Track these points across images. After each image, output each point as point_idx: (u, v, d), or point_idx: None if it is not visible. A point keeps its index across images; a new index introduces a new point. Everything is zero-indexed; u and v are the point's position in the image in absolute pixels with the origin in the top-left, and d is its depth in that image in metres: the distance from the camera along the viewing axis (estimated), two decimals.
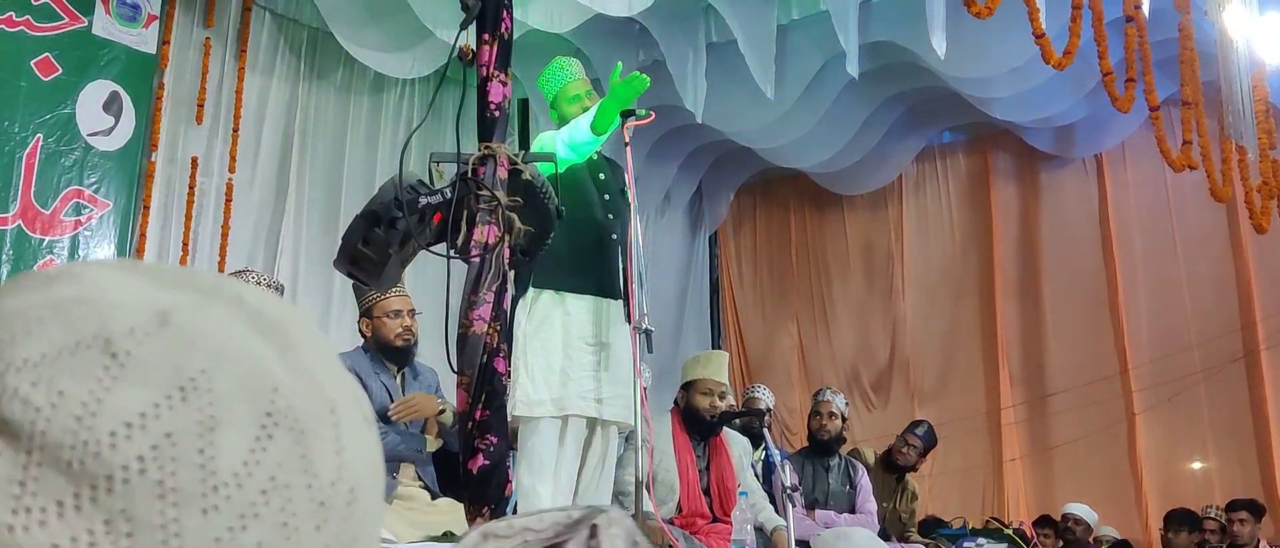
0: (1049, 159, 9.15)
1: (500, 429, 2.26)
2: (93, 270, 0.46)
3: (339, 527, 0.47)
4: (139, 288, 0.46)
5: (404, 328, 4.05)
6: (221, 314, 0.46)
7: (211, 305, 0.47)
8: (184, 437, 0.42)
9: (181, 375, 0.43)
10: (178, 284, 0.47)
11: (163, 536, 0.41)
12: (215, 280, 0.49)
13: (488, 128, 2.36)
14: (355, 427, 0.50)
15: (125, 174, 5.94)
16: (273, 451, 0.45)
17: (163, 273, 0.48)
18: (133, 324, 0.44)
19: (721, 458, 4.78)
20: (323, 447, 0.47)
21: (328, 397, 0.48)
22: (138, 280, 0.46)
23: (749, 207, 10.43)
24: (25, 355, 0.42)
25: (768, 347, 10.10)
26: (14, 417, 0.41)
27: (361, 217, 2.32)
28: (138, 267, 0.48)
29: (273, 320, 0.48)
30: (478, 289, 2.24)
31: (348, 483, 0.48)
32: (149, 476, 0.41)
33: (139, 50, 6.03)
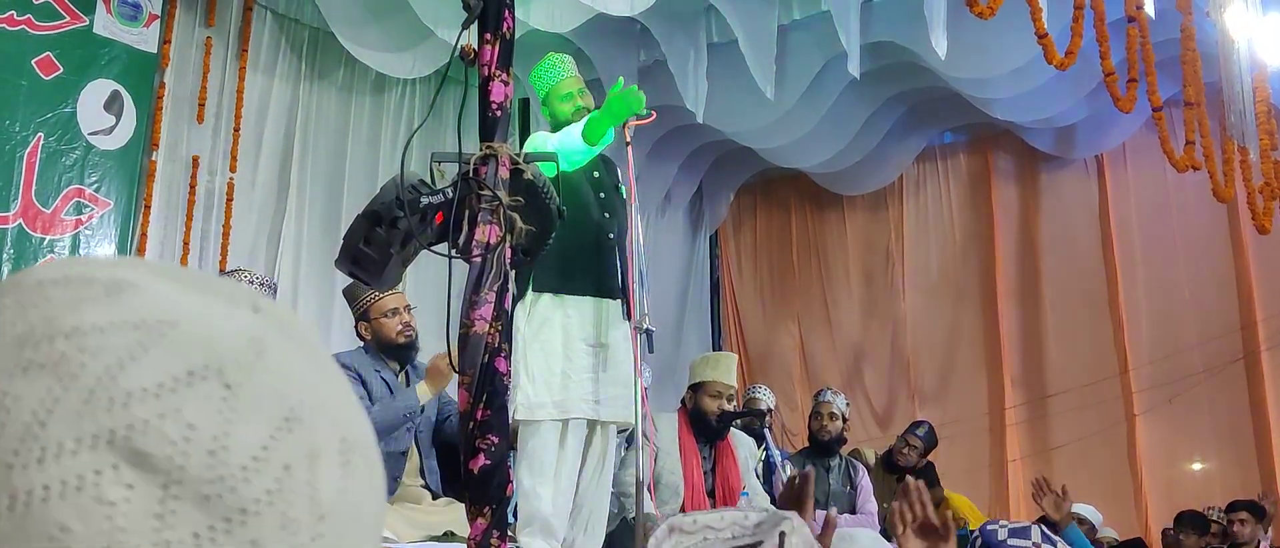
0: (1050, 160, 9.15)
1: (501, 429, 2.25)
2: (145, 280, 0.46)
3: (380, 539, 0.49)
4: (209, 307, 0.46)
5: (404, 325, 4.05)
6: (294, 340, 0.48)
7: (284, 329, 0.48)
8: (297, 469, 0.44)
9: (285, 406, 0.44)
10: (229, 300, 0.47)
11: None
12: (250, 295, 0.49)
13: (489, 128, 2.35)
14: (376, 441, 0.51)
15: (126, 173, 5.94)
16: (353, 478, 0.46)
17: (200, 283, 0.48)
18: (235, 354, 0.44)
19: (727, 460, 4.77)
20: (379, 470, 0.49)
21: (365, 415, 0.50)
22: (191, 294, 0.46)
23: (750, 207, 10.43)
24: (141, 384, 0.42)
25: (768, 347, 10.10)
26: (150, 450, 0.41)
27: (363, 216, 2.32)
28: (172, 274, 0.48)
29: (317, 342, 0.50)
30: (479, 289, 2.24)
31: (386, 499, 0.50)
32: (275, 508, 0.43)
33: (140, 49, 6.03)
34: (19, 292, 0.45)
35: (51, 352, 0.42)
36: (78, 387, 0.42)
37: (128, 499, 0.40)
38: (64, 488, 0.40)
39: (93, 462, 0.41)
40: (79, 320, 0.43)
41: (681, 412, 4.83)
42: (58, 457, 0.41)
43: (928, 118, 8.85)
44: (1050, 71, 6.08)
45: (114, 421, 0.41)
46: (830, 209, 10.06)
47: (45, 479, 0.40)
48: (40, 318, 0.43)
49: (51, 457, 0.40)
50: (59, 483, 0.40)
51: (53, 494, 0.40)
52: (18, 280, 0.46)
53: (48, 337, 0.43)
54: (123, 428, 0.41)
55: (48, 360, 0.42)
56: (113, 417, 0.41)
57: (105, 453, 0.41)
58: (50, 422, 0.41)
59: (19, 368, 0.42)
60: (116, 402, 0.42)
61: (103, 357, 0.42)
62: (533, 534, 3.60)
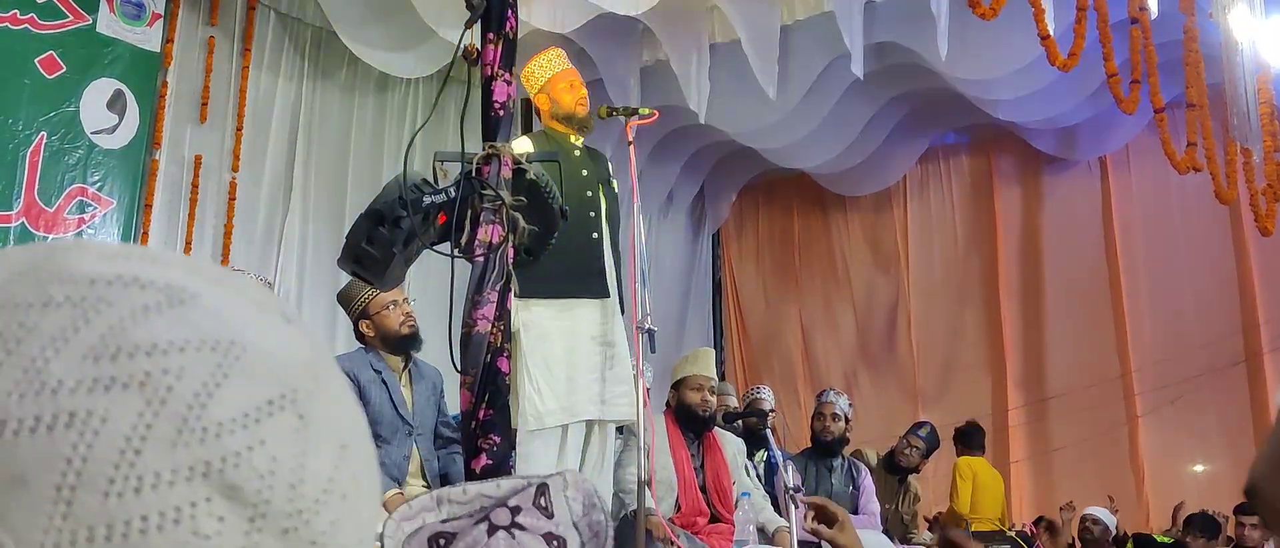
0: (1052, 161, 9.14)
1: (503, 429, 2.25)
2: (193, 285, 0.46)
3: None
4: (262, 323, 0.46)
5: (405, 315, 4.05)
6: (330, 362, 0.48)
7: (321, 351, 0.48)
8: (352, 498, 0.45)
9: (341, 435, 0.46)
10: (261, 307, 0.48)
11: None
12: (272, 299, 0.50)
13: (492, 127, 2.35)
14: None
15: (129, 172, 5.94)
16: (376, 495, 0.48)
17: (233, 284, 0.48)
18: (303, 383, 0.45)
19: (715, 456, 4.79)
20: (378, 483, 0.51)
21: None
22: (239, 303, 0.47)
23: (752, 207, 10.42)
24: (231, 415, 0.42)
25: (770, 347, 10.10)
26: (241, 483, 0.42)
27: (366, 216, 2.32)
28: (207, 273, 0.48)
29: (330, 352, 0.51)
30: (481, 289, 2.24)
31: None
32: (338, 539, 0.44)
33: (143, 48, 6.03)
34: (70, 286, 0.44)
35: (134, 369, 0.42)
36: (168, 413, 0.42)
37: (220, 532, 0.41)
38: (162, 520, 0.40)
39: (189, 494, 0.41)
40: (154, 336, 0.43)
41: (667, 412, 4.85)
42: (155, 487, 0.40)
43: (930, 119, 8.85)
44: (1053, 73, 6.08)
45: (209, 452, 0.41)
46: (833, 210, 10.05)
47: (143, 510, 0.40)
48: (109, 327, 0.43)
49: (149, 487, 0.40)
50: (157, 515, 0.40)
51: (151, 526, 0.40)
52: (60, 268, 0.45)
53: (126, 352, 0.42)
54: (217, 460, 0.41)
55: (132, 379, 0.42)
56: (206, 448, 0.41)
57: (201, 485, 0.41)
58: (145, 449, 0.41)
59: (100, 384, 0.41)
60: (210, 432, 0.42)
61: (189, 381, 0.42)
62: None
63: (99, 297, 0.43)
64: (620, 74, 7.30)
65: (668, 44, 7.01)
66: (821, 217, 10.14)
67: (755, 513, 4.58)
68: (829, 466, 5.64)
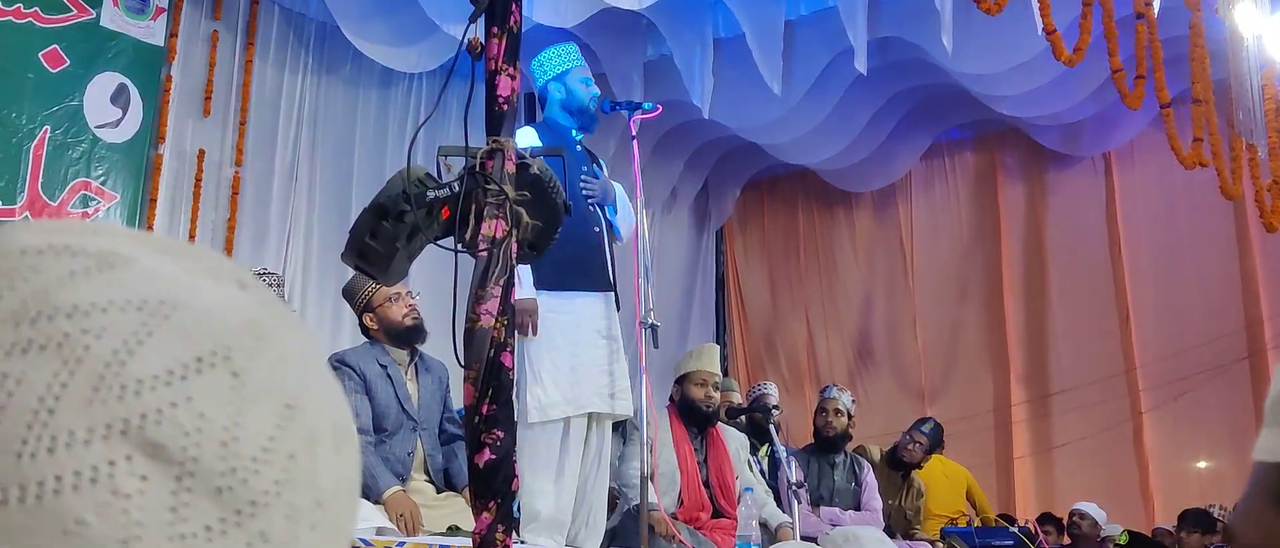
0: (1057, 157, 9.13)
1: (507, 424, 2.25)
2: (132, 251, 0.44)
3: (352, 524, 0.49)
4: (203, 287, 0.45)
5: (409, 307, 4.05)
6: (291, 322, 0.47)
7: (275, 310, 0.47)
8: (301, 457, 0.43)
9: (287, 393, 0.44)
10: (214, 275, 0.46)
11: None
12: (232, 268, 0.48)
13: (496, 122, 2.35)
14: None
15: (132, 166, 5.95)
16: (342, 463, 0.46)
17: (182, 253, 0.47)
18: (240, 340, 0.43)
19: (719, 452, 4.79)
20: (357, 451, 0.49)
21: (344, 397, 0.50)
22: (180, 269, 0.45)
23: (756, 203, 10.42)
24: (152, 371, 0.41)
25: (774, 343, 10.10)
26: (164, 441, 0.40)
27: (369, 210, 2.31)
28: (155, 243, 0.46)
29: (298, 321, 0.49)
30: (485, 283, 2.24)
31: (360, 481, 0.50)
32: (282, 498, 0.42)
33: (147, 42, 6.03)
34: (1, 258, 0.43)
35: (52, 331, 0.41)
36: (85, 371, 0.40)
37: (143, 491, 0.40)
38: (78, 479, 0.39)
39: (106, 452, 0.39)
40: (77, 298, 0.42)
41: (670, 407, 4.85)
42: (70, 446, 0.39)
43: (935, 115, 8.84)
44: (1058, 68, 6.07)
45: (127, 409, 0.40)
46: (837, 206, 10.05)
47: (57, 470, 0.39)
48: (32, 292, 0.42)
49: (63, 446, 0.39)
50: (72, 474, 0.39)
51: (66, 486, 0.39)
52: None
53: (46, 314, 0.41)
54: (136, 418, 0.40)
55: (49, 341, 0.41)
56: (124, 405, 0.40)
57: (119, 444, 0.40)
58: (59, 409, 0.40)
59: (17, 347, 0.40)
60: (128, 389, 0.40)
61: (108, 340, 0.41)
62: (537, 531, 3.60)
63: (29, 265, 0.43)
64: (624, 69, 7.30)
65: (671, 39, 7.01)
66: (826, 213, 10.13)
67: (758, 509, 4.58)
68: (831, 462, 5.63)
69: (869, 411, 9.09)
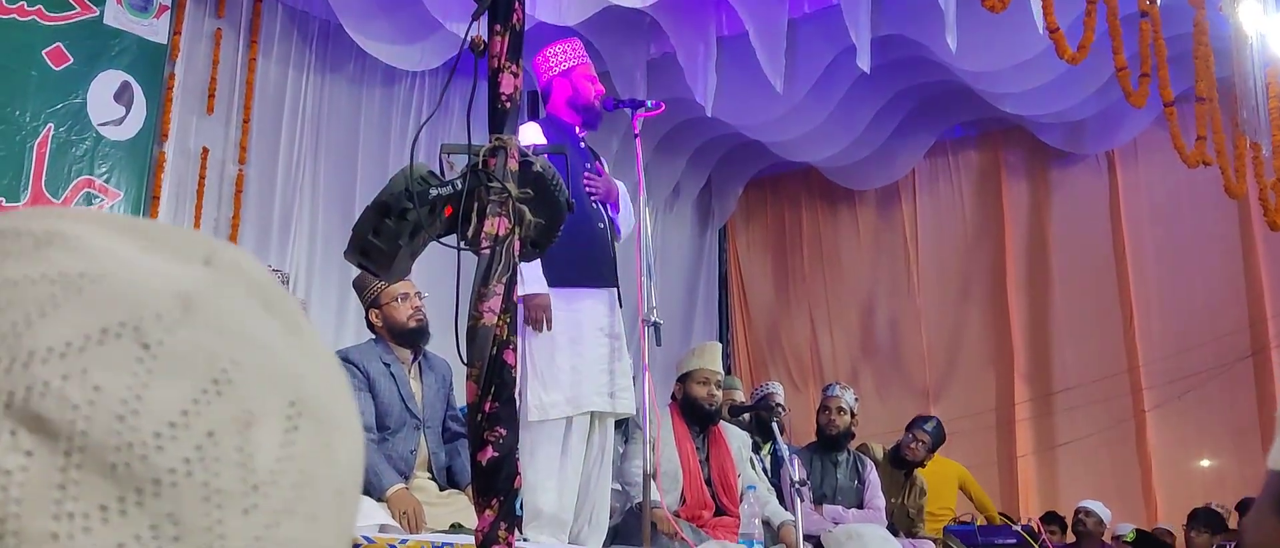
0: (1061, 155, 9.12)
1: (509, 422, 2.25)
2: (82, 231, 0.43)
3: (351, 512, 0.46)
4: (146, 262, 0.42)
5: (414, 309, 4.05)
6: (239, 294, 0.44)
7: (226, 283, 0.44)
8: (224, 435, 0.41)
9: (214, 367, 0.41)
10: (174, 251, 0.44)
11: (207, 538, 0.40)
12: (205, 244, 0.46)
13: (499, 119, 2.35)
14: (353, 405, 0.48)
15: (136, 164, 5.95)
16: (300, 443, 0.43)
17: (153, 233, 0.45)
18: (158, 309, 0.41)
19: (721, 449, 4.79)
20: (339, 433, 0.45)
21: (336, 376, 0.47)
22: (133, 247, 0.43)
23: (759, 201, 10.41)
24: (49, 343, 0.39)
25: (777, 341, 10.09)
26: (49, 414, 0.38)
27: (372, 208, 2.31)
28: (121, 225, 0.45)
29: (275, 295, 0.46)
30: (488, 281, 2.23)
31: (357, 466, 0.47)
32: (195, 478, 0.40)
33: (150, 40, 6.04)
34: None
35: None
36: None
37: (25, 468, 0.37)
38: None
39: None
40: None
41: (672, 405, 4.85)
42: None
43: (938, 113, 8.83)
44: (1061, 66, 6.06)
45: (13, 382, 0.38)
46: (840, 204, 10.04)
47: None
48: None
49: None
50: None
51: None
52: None
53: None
54: (21, 390, 0.38)
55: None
56: (12, 378, 0.38)
57: (1, 418, 0.38)
58: None
59: None
60: (17, 362, 0.39)
61: (11, 313, 0.39)
62: (540, 529, 3.61)
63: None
64: (627, 67, 7.30)
65: (674, 37, 7.00)
66: (829, 210, 10.12)
67: (760, 507, 4.57)
68: (835, 460, 5.63)
69: (872, 409, 9.09)
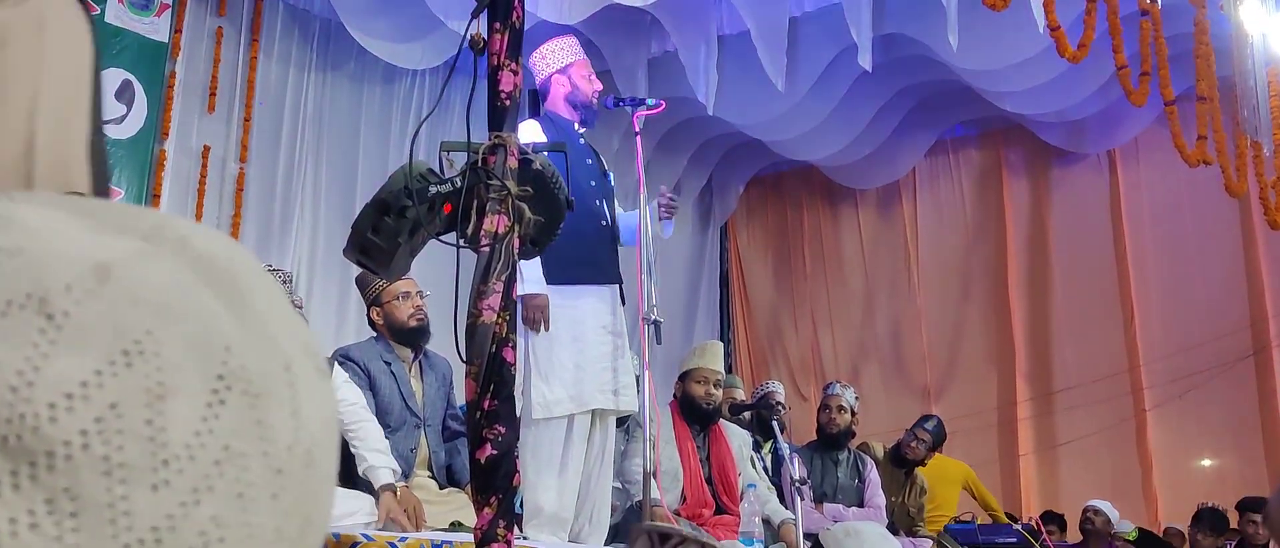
0: (1062, 154, 9.12)
1: (508, 419, 2.25)
2: (25, 211, 0.42)
3: (297, 493, 0.44)
4: (76, 235, 0.41)
5: (416, 308, 4.05)
6: (167, 265, 0.42)
7: (155, 254, 0.42)
8: (130, 407, 0.39)
9: (125, 338, 0.39)
10: (118, 228, 0.43)
11: (110, 514, 0.38)
12: (158, 221, 0.44)
13: (498, 117, 2.35)
14: (311, 384, 0.46)
15: (137, 162, 5.95)
16: (226, 418, 0.41)
17: (104, 213, 0.44)
18: (69, 280, 0.39)
19: (721, 448, 4.79)
20: (278, 410, 0.43)
21: (282, 353, 0.45)
22: (75, 225, 0.42)
23: (760, 199, 10.41)
24: None
25: (777, 340, 10.09)
26: None
27: (371, 205, 2.31)
28: (77, 205, 0.44)
29: (222, 268, 0.44)
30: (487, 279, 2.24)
31: (305, 446, 0.44)
32: (93, 451, 0.38)
33: (151, 39, 6.04)
34: None
35: None
36: None
37: None
38: None
39: None
40: None
41: (673, 404, 4.85)
42: None
43: (939, 111, 8.83)
44: (1062, 65, 6.06)
45: None
46: (841, 202, 10.04)
47: None
48: None
49: None
50: None
51: None
52: None
53: None
54: None
55: None
56: None
57: None
58: None
59: None
60: None
61: None
62: (540, 527, 3.61)
63: None
64: (628, 65, 7.30)
65: (676, 35, 7.00)
66: (829, 209, 10.12)
67: (761, 505, 4.57)
68: (835, 458, 5.63)
69: (872, 408, 9.09)
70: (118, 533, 0.38)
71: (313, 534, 0.46)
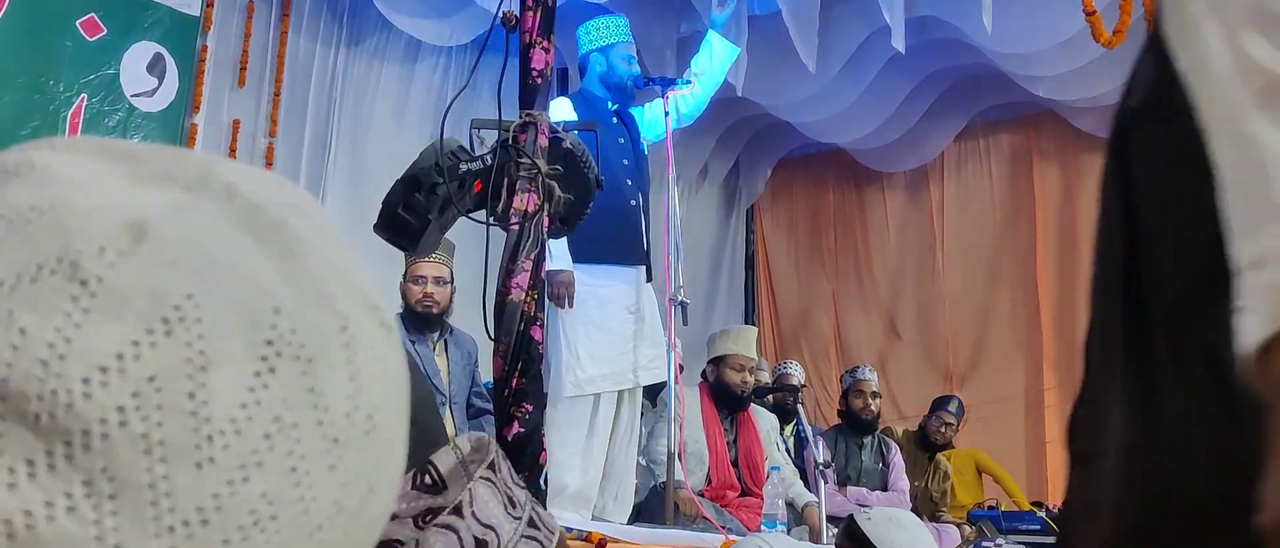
0: (1093, 140, 9.01)
1: (536, 398, 2.26)
2: (60, 161, 0.39)
3: (357, 462, 0.41)
4: (111, 187, 0.38)
5: (424, 294, 4.05)
6: (209, 218, 0.39)
7: (196, 207, 0.39)
8: (170, 380, 0.36)
9: (164, 304, 0.37)
10: (160, 176, 0.40)
11: (152, 495, 0.36)
12: (204, 167, 0.41)
13: (529, 95, 2.34)
14: (371, 343, 0.43)
15: (168, 135, 5.99)
16: (275, 387, 0.38)
17: (143, 159, 0.41)
18: (103, 241, 0.36)
19: (749, 432, 4.79)
20: (333, 374, 0.40)
21: (338, 312, 0.42)
22: (113, 173, 0.39)
23: (786, 182, 10.36)
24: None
25: (802, 323, 10.06)
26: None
27: (402, 182, 2.32)
28: (114, 150, 0.41)
29: (272, 218, 0.41)
30: (516, 257, 2.24)
31: (365, 411, 0.42)
32: (131, 428, 0.35)
33: (183, 12, 6.06)
34: None
35: None
36: None
37: None
38: None
39: None
40: None
41: (702, 385, 4.85)
42: None
43: (970, 95, 8.75)
44: (1096, 50, 5.99)
45: None
46: (869, 186, 9.98)
47: None
48: None
49: None
50: None
51: None
52: None
53: None
54: None
55: None
56: None
57: None
58: None
59: None
60: None
61: None
62: (564, 505, 3.62)
63: None
64: (657, 44, 7.27)
65: (705, 15, 6.95)
66: (857, 193, 10.06)
67: (784, 488, 4.57)
68: (859, 442, 5.63)
69: (897, 392, 9.07)
70: (160, 515, 0.36)
71: (376, 504, 0.43)
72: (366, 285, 0.45)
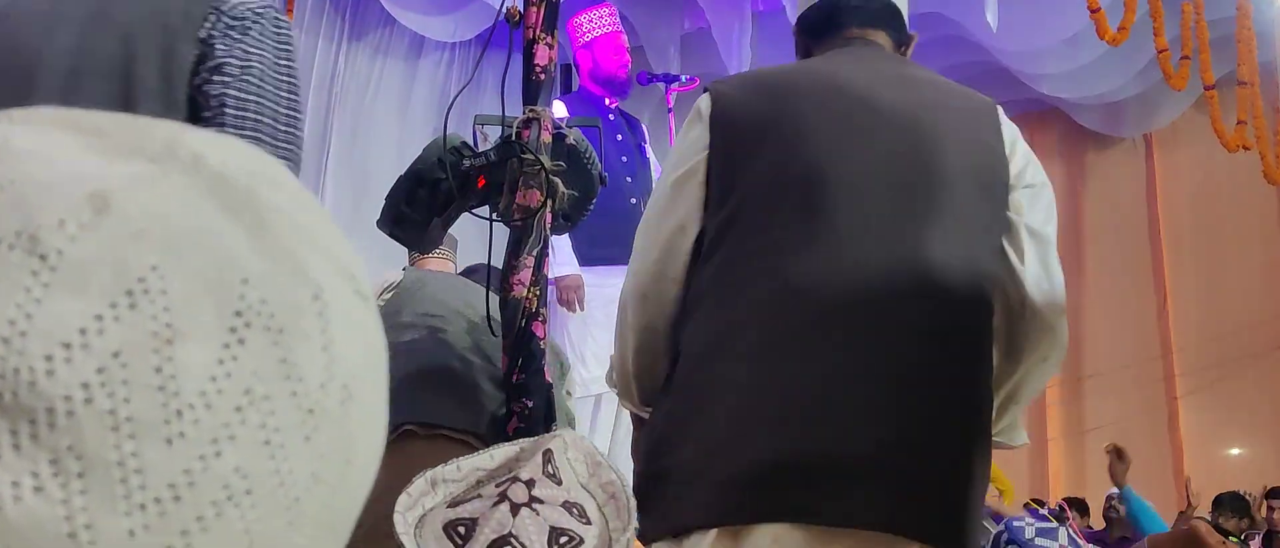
0: (1098, 138, 9.01)
1: (538, 393, 2.25)
2: (20, 132, 0.38)
3: (333, 433, 0.40)
4: (73, 159, 0.37)
5: None
6: (174, 189, 0.38)
7: (163, 177, 0.38)
8: (136, 355, 0.35)
9: (127, 277, 0.36)
10: (126, 147, 0.39)
11: (121, 473, 0.35)
12: (171, 137, 0.40)
13: (533, 91, 2.34)
14: (346, 311, 0.42)
15: None
16: (246, 359, 0.37)
17: (109, 131, 0.40)
18: (63, 214, 0.35)
19: None
20: (306, 345, 0.39)
21: (310, 281, 0.41)
22: (76, 146, 0.38)
23: None
24: None
25: None
26: None
27: (406, 177, 2.32)
28: (79, 122, 0.40)
29: (241, 187, 0.40)
30: (518, 254, 2.24)
31: (340, 381, 0.41)
32: (97, 405, 0.34)
33: None
34: None
35: None
36: None
37: None
38: None
39: None
40: None
41: None
42: None
43: None
44: (1101, 47, 5.98)
45: None
46: None
47: None
48: None
49: None
50: None
51: None
52: None
53: None
54: None
55: None
56: None
57: None
58: None
59: None
60: None
61: None
62: None
63: None
64: (661, 40, 7.26)
65: (709, 11, 6.96)
66: None
67: None
68: None
69: None
70: (130, 493, 0.35)
71: (356, 474, 0.43)
72: (342, 254, 0.44)
